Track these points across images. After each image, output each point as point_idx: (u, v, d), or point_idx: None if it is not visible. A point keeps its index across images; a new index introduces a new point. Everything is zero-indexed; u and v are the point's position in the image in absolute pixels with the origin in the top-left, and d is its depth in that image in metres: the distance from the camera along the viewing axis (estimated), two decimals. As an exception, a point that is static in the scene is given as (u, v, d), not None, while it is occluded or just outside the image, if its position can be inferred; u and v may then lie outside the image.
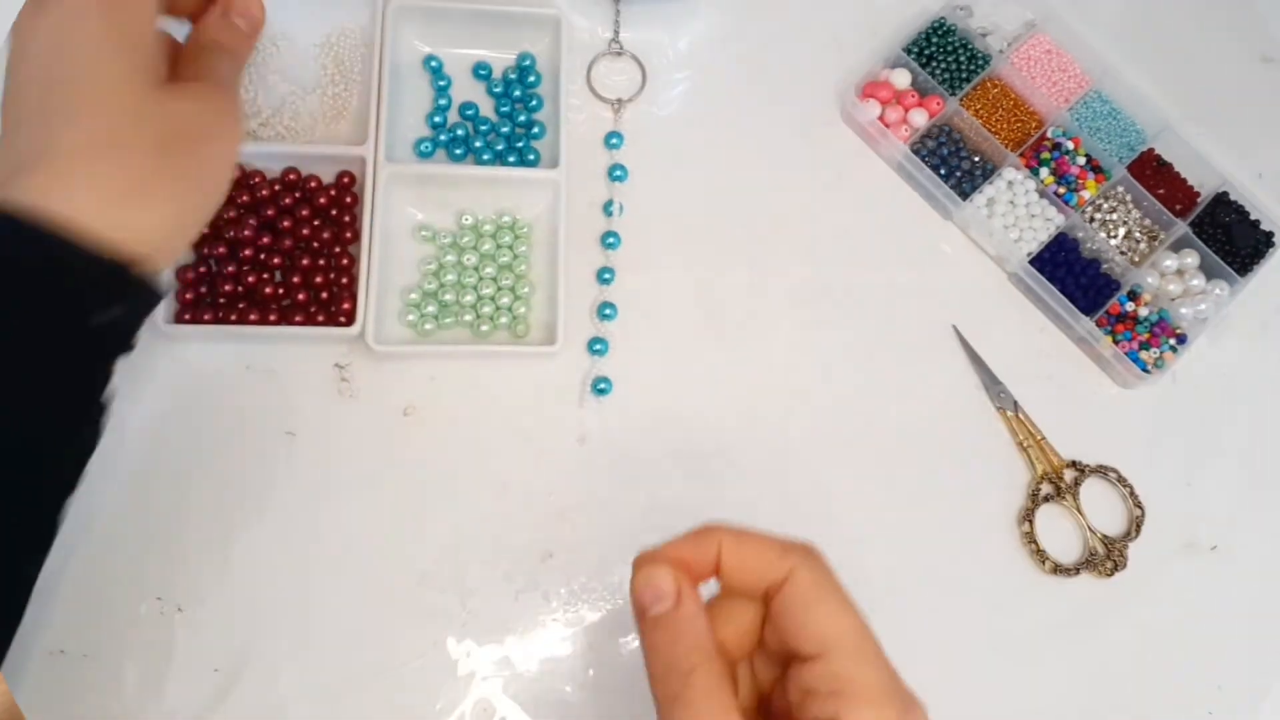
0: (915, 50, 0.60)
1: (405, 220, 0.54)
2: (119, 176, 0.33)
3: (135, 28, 0.35)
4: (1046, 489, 0.55)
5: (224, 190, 0.38)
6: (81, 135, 0.33)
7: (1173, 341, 0.57)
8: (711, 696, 0.30)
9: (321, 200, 0.52)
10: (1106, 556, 0.54)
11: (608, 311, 0.54)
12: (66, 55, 0.33)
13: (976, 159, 0.59)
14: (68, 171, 0.32)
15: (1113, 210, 0.60)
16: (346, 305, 0.50)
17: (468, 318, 0.53)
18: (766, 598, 0.32)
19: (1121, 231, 0.59)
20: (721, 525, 0.33)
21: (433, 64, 0.56)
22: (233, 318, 0.50)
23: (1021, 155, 0.59)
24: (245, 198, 0.51)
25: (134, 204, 0.33)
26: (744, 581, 0.32)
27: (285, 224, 0.51)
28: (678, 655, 0.30)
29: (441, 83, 0.56)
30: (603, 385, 0.52)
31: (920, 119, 0.59)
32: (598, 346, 0.53)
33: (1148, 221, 0.60)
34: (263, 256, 0.51)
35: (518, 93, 0.56)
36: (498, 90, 0.57)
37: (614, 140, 0.57)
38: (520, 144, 0.55)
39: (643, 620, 0.31)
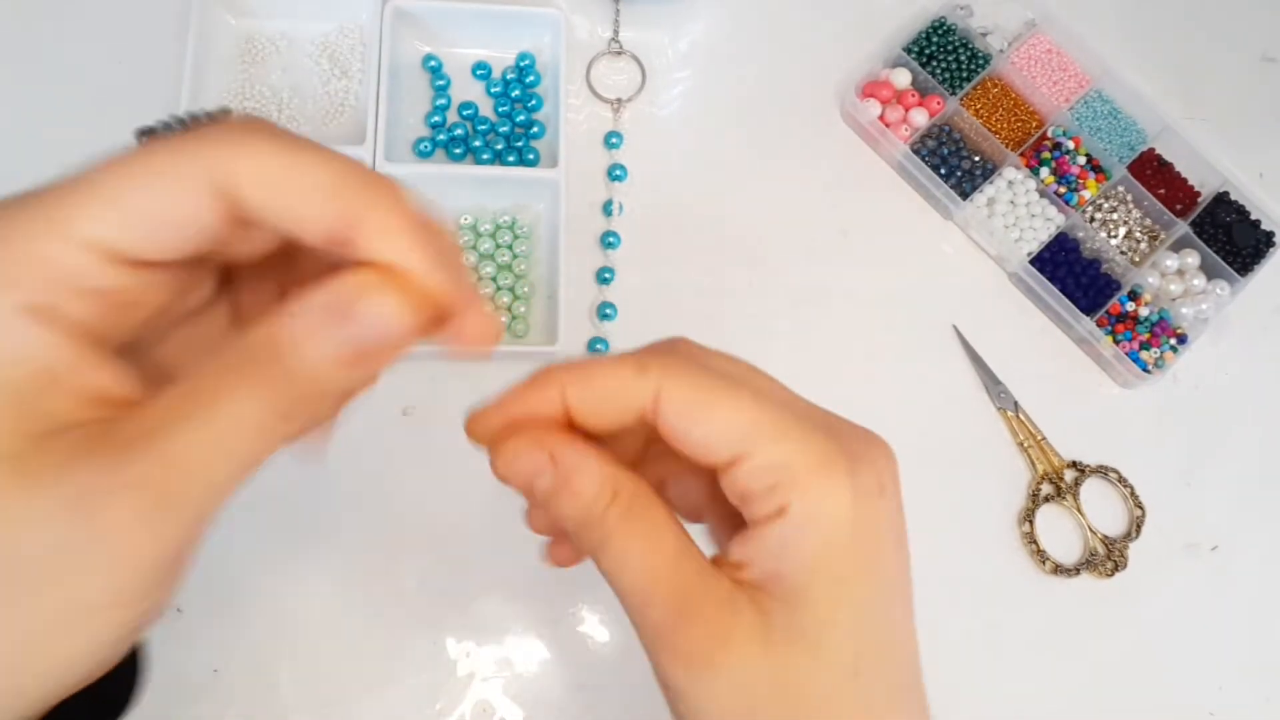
0: (915, 50, 0.60)
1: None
2: None
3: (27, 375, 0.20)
4: (1047, 489, 0.55)
5: (94, 662, 0.22)
6: None
7: (1173, 341, 0.57)
8: (643, 514, 0.26)
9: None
10: (1107, 557, 0.54)
11: (608, 311, 0.54)
12: None
13: (977, 159, 0.59)
14: None
15: (1113, 210, 0.60)
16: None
17: (467, 318, 0.53)
18: (647, 424, 0.26)
19: (1122, 231, 0.59)
20: (559, 366, 0.26)
21: (432, 63, 0.56)
22: (232, 318, 0.50)
23: (1022, 155, 0.59)
24: (244, 198, 0.51)
25: None
26: (607, 422, 0.26)
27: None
28: (586, 506, 0.25)
29: (441, 82, 0.56)
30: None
31: (920, 119, 0.59)
32: (598, 347, 0.53)
33: (1148, 221, 0.60)
34: (262, 256, 0.51)
35: (517, 92, 0.56)
36: (497, 90, 0.57)
37: (613, 140, 0.57)
38: (520, 144, 0.55)
39: (532, 499, 0.26)
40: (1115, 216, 0.60)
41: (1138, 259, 0.59)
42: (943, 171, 0.58)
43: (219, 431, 0.21)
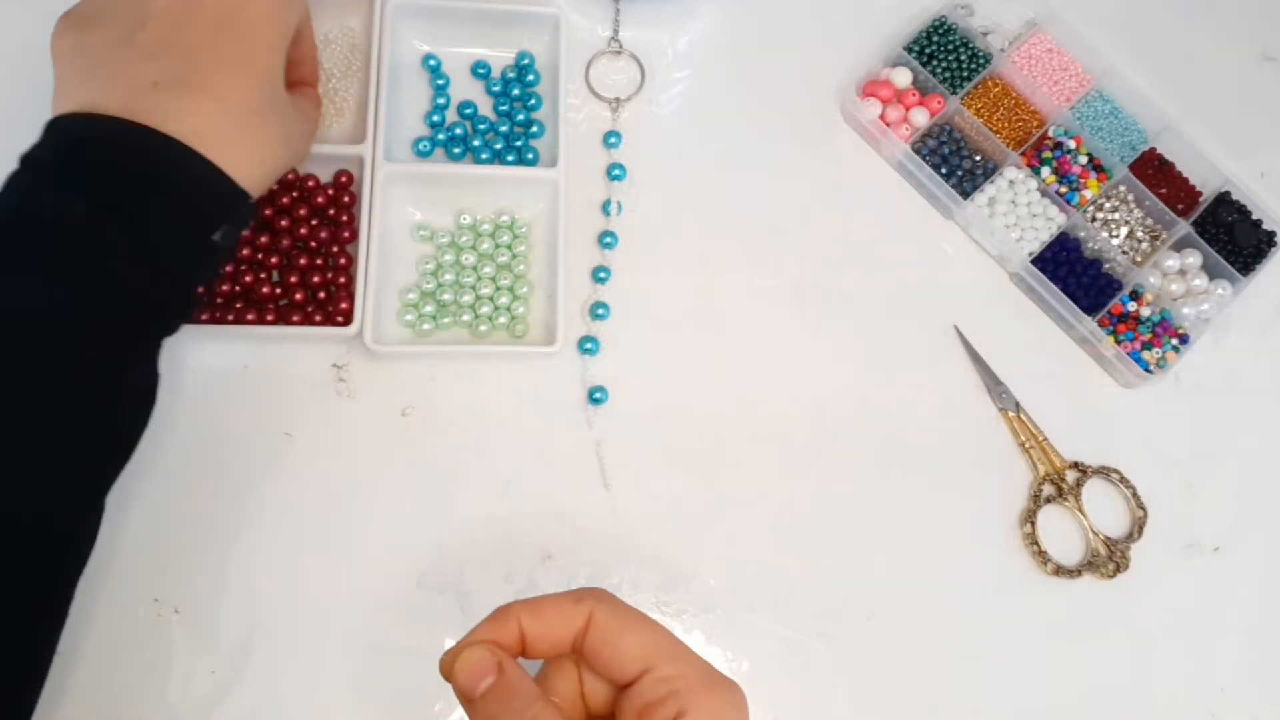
0: (916, 49, 0.60)
1: (403, 220, 0.53)
2: (244, 136, 0.40)
3: (290, 26, 0.43)
4: (1048, 490, 0.55)
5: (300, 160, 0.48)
6: (234, 90, 0.40)
7: (1175, 341, 0.57)
8: None
9: (319, 200, 0.52)
10: (1109, 558, 0.54)
11: (600, 311, 0.54)
12: (245, 18, 0.40)
13: (977, 158, 0.59)
14: (212, 110, 0.39)
15: (1114, 210, 0.59)
16: (344, 305, 0.50)
17: (466, 317, 0.53)
18: (576, 650, 0.34)
19: (1123, 231, 0.59)
20: (513, 603, 0.34)
21: (431, 63, 0.56)
22: (230, 318, 0.49)
23: (1023, 154, 0.59)
24: (243, 197, 0.51)
25: (244, 157, 0.40)
26: (552, 644, 0.34)
27: (283, 223, 0.51)
28: (516, 713, 0.32)
29: (440, 81, 0.56)
30: (599, 395, 0.52)
31: (921, 118, 0.59)
32: (588, 345, 0.53)
33: (1150, 221, 0.60)
34: (260, 256, 0.51)
35: (516, 92, 0.56)
36: (496, 89, 0.57)
37: (612, 139, 0.57)
38: (519, 143, 0.55)
39: (473, 706, 0.32)
40: (1116, 216, 0.59)
41: (1139, 259, 0.59)
42: (943, 171, 0.58)
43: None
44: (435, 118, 0.55)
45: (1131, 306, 0.57)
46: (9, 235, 0.37)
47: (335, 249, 0.51)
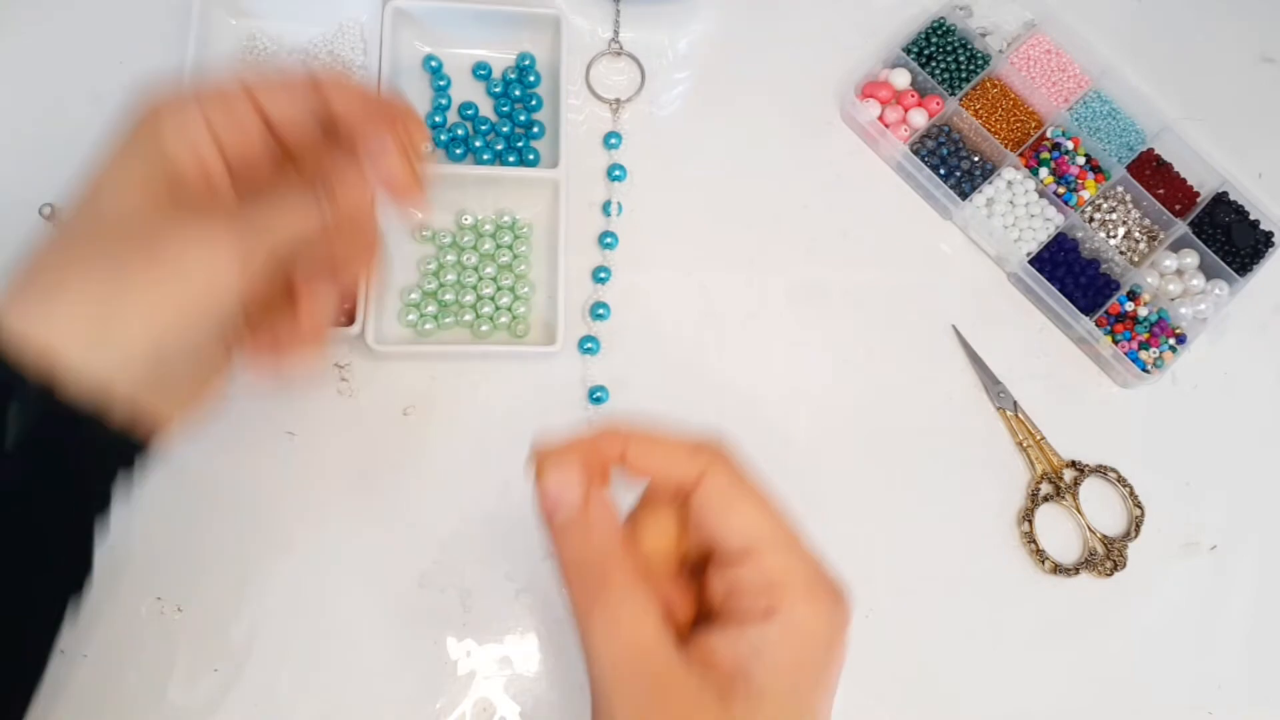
0: (915, 50, 0.60)
1: (404, 220, 0.54)
2: (86, 293, 0.31)
3: (183, 149, 0.33)
4: (1046, 489, 0.55)
5: (200, 333, 0.33)
6: (61, 249, 0.32)
7: (1172, 341, 0.57)
8: (629, 598, 0.29)
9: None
10: (1106, 556, 0.54)
11: (600, 311, 0.54)
12: (98, 174, 0.34)
13: (976, 159, 0.59)
14: (47, 290, 0.31)
15: (1112, 210, 0.60)
16: (346, 305, 0.50)
17: (467, 318, 0.53)
18: (680, 498, 0.31)
19: (1121, 231, 0.59)
20: (625, 425, 0.31)
21: (432, 64, 0.56)
22: (232, 318, 0.50)
23: (1021, 155, 0.59)
24: (245, 198, 0.51)
25: (103, 328, 0.31)
26: (655, 484, 0.31)
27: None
28: (589, 559, 0.30)
29: (441, 83, 0.56)
30: (599, 394, 0.52)
31: (920, 119, 0.59)
32: (589, 345, 0.53)
33: (1147, 221, 0.60)
34: (262, 256, 0.51)
35: (517, 93, 0.56)
36: (497, 90, 0.57)
37: (613, 140, 0.57)
38: (520, 144, 0.55)
39: (551, 526, 0.30)
40: (1114, 217, 0.60)
41: (1137, 259, 0.59)
42: (942, 172, 0.58)
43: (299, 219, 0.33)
44: (436, 119, 0.55)
45: (1129, 306, 0.58)
46: None
47: (337, 249, 0.52)
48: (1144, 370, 0.56)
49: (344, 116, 0.35)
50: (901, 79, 0.59)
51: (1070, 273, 0.58)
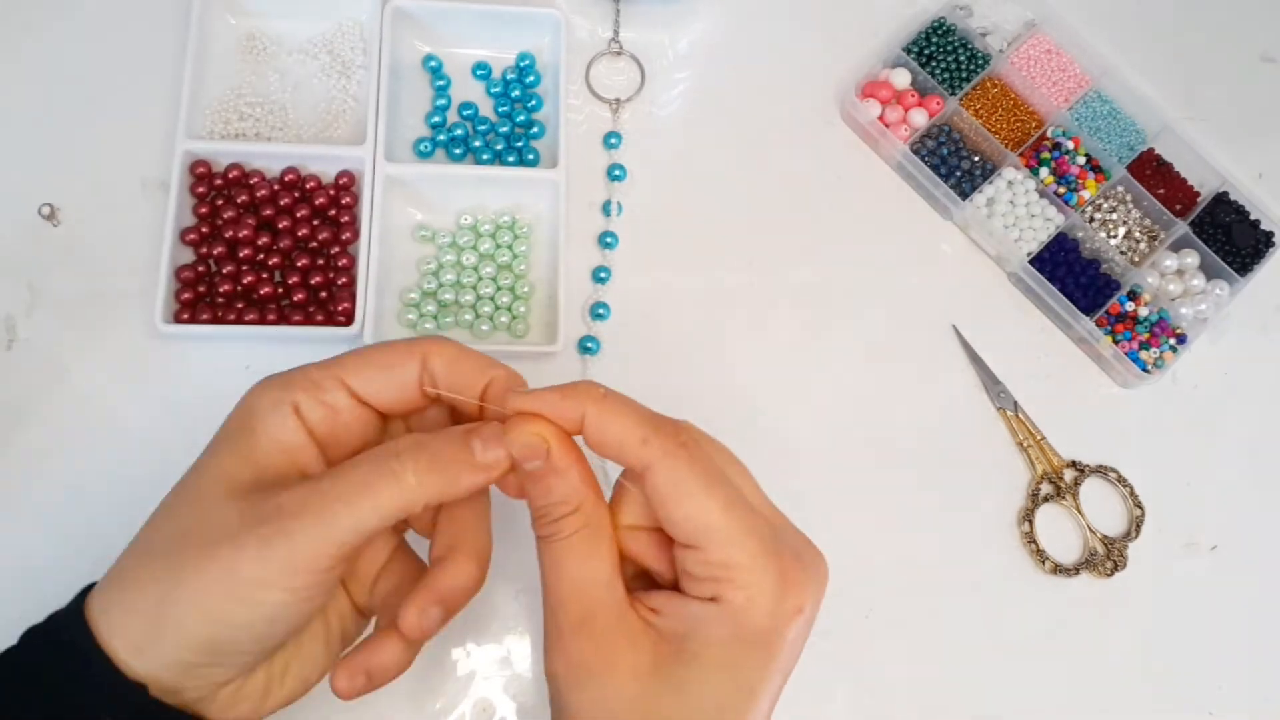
0: (915, 50, 0.60)
1: (404, 220, 0.54)
2: (142, 596, 0.32)
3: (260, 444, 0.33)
4: (1046, 489, 0.55)
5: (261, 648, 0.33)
6: (139, 542, 0.33)
7: (1173, 341, 0.57)
8: (584, 540, 0.32)
9: (320, 200, 0.52)
10: (1106, 556, 0.54)
11: (600, 311, 0.54)
12: (194, 465, 0.34)
13: (976, 159, 0.59)
14: (113, 585, 0.33)
15: (1113, 210, 0.60)
16: (345, 305, 0.50)
17: (467, 317, 0.53)
18: (636, 478, 0.32)
19: (1121, 231, 0.59)
20: (592, 389, 0.32)
21: (432, 64, 0.56)
22: (231, 318, 0.50)
23: (1021, 155, 0.59)
24: (244, 198, 0.51)
25: (154, 626, 0.31)
26: (608, 455, 0.32)
27: (284, 224, 0.51)
28: (552, 503, 0.32)
29: (441, 82, 0.56)
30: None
31: (920, 119, 0.59)
32: (589, 345, 0.53)
33: (1148, 221, 0.60)
34: (261, 256, 0.51)
35: (517, 92, 0.56)
36: (497, 90, 0.57)
37: (613, 140, 0.57)
38: (519, 144, 0.55)
39: (522, 473, 0.32)
40: (1115, 216, 0.60)
41: (1137, 259, 0.59)
42: (942, 172, 0.58)
43: (357, 514, 0.31)
44: (436, 119, 0.55)
45: (1129, 306, 0.58)
46: None
47: (336, 249, 0.52)
48: (1144, 370, 0.56)
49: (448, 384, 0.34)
50: (902, 79, 0.59)
51: (1071, 273, 0.57)
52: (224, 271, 0.50)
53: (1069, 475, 0.55)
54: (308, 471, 0.33)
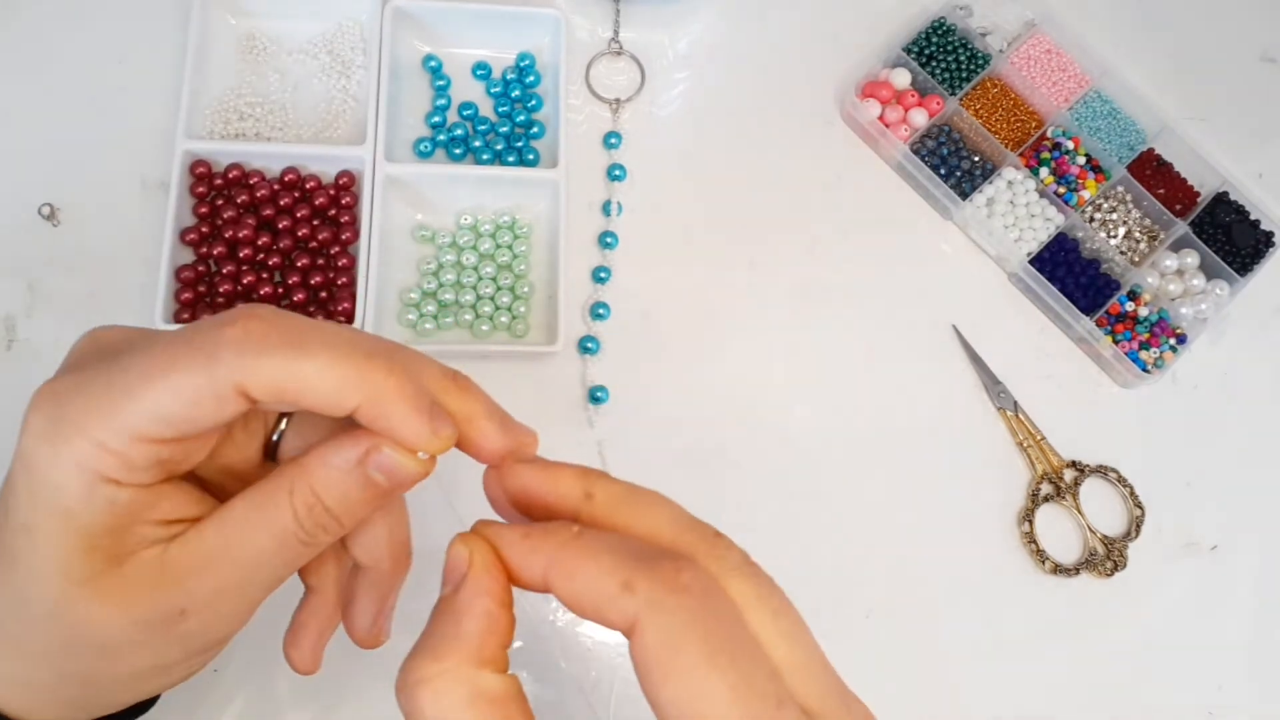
0: (915, 50, 0.60)
1: (404, 220, 0.54)
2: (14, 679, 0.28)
3: (92, 504, 0.25)
4: (1046, 489, 0.55)
5: (149, 691, 0.30)
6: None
7: (1173, 341, 0.57)
8: (462, 678, 0.24)
9: (320, 200, 0.52)
10: (1106, 556, 0.54)
11: (600, 311, 0.54)
12: (12, 522, 0.26)
13: (976, 159, 0.59)
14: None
15: (1113, 210, 0.60)
16: (345, 305, 0.50)
17: (467, 317, 0.53)
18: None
19: (1121, 231, 0.59)
20: (564, 529, 0.24)
21: (432, 64, 0.56)
22: (232, 318, 0.50)
23: (1021, 155, 0.59)
24: (244, 198, 0.51)
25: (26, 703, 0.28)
26: (584, 615, 0.23)
27: (284, 224, 0.51)
28: (443, 634, 0.25)
29: (441, 82, 0.56)
30: (599, 394, 0.52)
31: (920, 119, 0.59)
32: (589, 345, 0.53)
33: (1148, 221, 0.60)
34: (261, 256, 0.51)
35: (517, 92, 0.56)
36: (497, 90, 0.57)
37: (613, 140, 0.57)
38: (519, 144, 0.55)
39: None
40: (1115, 216, 0.60)
41: (1137, 259, 0.59)
42: (942, 172, 0.58)
43: (244, 570, 0.27)
44: (436, 119, 0.55)
45: (1129, 306, 0.58)
46: None
47: (336, 249, 0.52)
48: (1144, 370, 0.56)
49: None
50: (902, 79, 0.59)
51: (1070, 273, 0.57)
52: (224, 271, 0.50)
53: (1069, 475, 0.55)
54: (178, 518, 0.28)
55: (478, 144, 0.55)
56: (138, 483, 0.26)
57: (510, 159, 0.55)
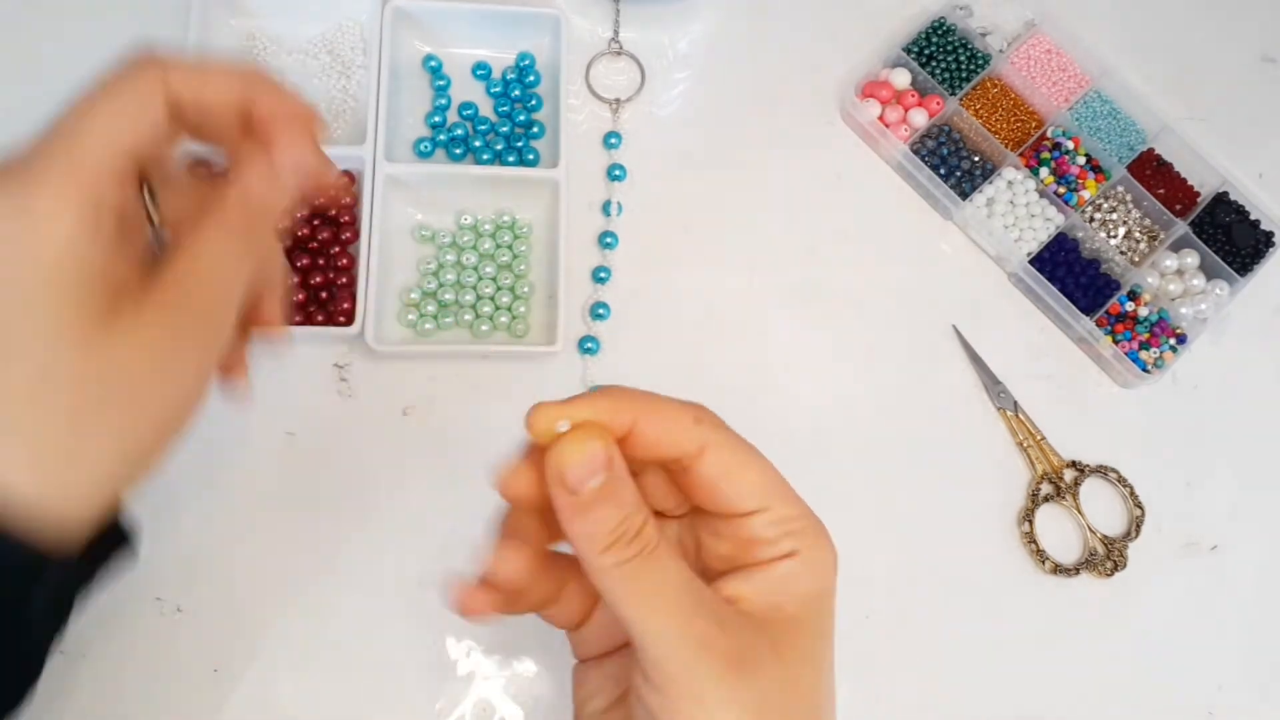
0: (915, 50, 0.60)
1: (404, 220, 0.54)
2: (43, 435, 0.28)
3: (82, 243, 0.28)
4: (1046, 489, 0.55)
5: (178, 432, 0.32)
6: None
7: (1172, 341, 0.57)
8: (665, 549, 0.28)
9: (321, 200, 0.52)
10: (1106, 556, 0.54)
11: (600, 311, 0.54)
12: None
13: (976, 159, 0.59)
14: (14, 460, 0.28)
15: (1113, 210, 0.60)
16: (346, 305, 0.50)
17: (467, 317, 0.53)
18: (675, 465, 0.30)
19: (1121, 231, 0.59)
20: (627, 391, 0.30)
21: (432, 64, 0.56)
22: (232, 318, 0.50)
23: (1021, 155, 0.59)
24: (244, 198, 0.51)
25: (61, 464, 0.28)
26: (655, 454, 0.30)
27: (284, 224, 0.51)
28: (625, 521, 0.28)
29: (441, 82, 0.56)
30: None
31: (920, 119, 0.59)
32: (589, 345, 0.53)
33: (1148, 221, 0.60)
34: (262, 256, 0.51)
35: (517, 92, 0.56)
36: (497, 90, 0.57)
37: (613, 140, 0.57)
38: (519, 144, 0.55)
39: (569, 495, 0.28)
40: (1115, 216, 0.60)
41: (1137, 259, 0.59)
42: (942, 172, 0.58)
43: (209, 263, 0.31)
44: (436, 119, 0.55)
45: (1129, 306, 0.58)
46: None
47: (337, 249, 0.52)
48: (1144, 370, 0.56)
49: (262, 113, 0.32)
50: (902, 79, 0.59)
51: (1071, 273, 0.58)
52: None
53: (1069, 475, 0.55)
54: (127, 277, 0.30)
55: (478, 144, 0.55)
56: (107, 230, 0.29)
57: (510, 159, 0.55)
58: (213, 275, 0.31)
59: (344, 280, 0.51)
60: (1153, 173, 0.60)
